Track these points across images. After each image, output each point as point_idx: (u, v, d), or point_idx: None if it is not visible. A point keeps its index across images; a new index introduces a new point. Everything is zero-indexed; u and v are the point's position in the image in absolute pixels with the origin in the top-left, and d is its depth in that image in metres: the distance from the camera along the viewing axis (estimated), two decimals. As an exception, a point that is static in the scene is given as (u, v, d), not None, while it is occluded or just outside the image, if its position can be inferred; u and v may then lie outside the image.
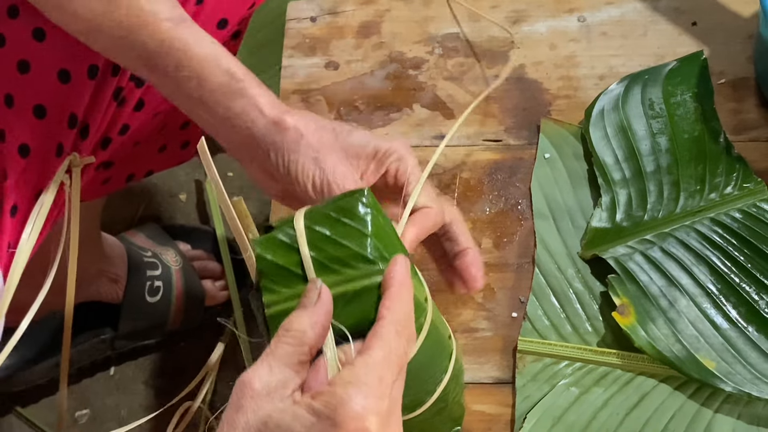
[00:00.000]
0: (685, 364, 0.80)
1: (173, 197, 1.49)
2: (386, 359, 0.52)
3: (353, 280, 0.58)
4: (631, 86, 0.96)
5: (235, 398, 0.50)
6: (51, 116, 0.78)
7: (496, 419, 0.82)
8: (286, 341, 0.52)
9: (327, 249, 0.59)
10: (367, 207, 0.61)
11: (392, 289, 0.56)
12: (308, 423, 0.48)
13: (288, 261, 0.60)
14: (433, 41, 1.03)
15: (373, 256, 0.59)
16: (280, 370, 0.51)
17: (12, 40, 0.75)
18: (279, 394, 0.50)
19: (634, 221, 0.89)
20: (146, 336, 1.30)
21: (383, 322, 0.54)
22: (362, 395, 0.49)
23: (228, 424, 0.49)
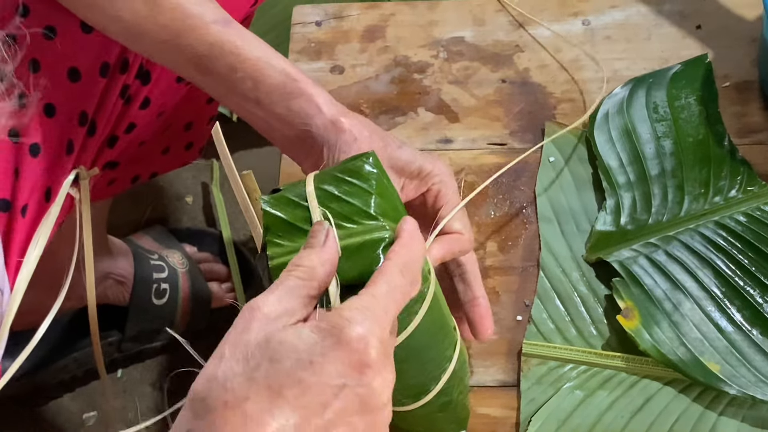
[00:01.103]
0: (690, 367, 0.80)
1: (180, 200, 1.50)
2: (390, 293, 0.54)
3: (356, 235, 0.60)
4: (635, 90, 0.97)
5: (240, 321, 0.50)
6: (61, 114, 0.79)
7: (501, 422, 0.82)
8: (296, 274, 0.53)
9: (333, 206, 0.61)
10: (372, 168, 0.63)
11: (401, 239, 0.58)
12: (311, 340, 0.49)
13: (294, 216, 0.61)
14: (437, 45, 1.04)
15: (375, 213, 0.61)
16: (288, 300, 0.52)
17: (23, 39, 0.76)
18: (283, 320, 0.51)
19: (639, 224, 0.89)
20: (153, 338, 1.30)
21: (388, 262, 0.55)
22: (367, 320, 0.50)
23: (230, 343, 0.49)
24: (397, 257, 0.56)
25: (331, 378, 0.48)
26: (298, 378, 0.48)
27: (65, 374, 1.29)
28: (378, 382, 0.50)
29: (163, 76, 0.84)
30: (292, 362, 0.48)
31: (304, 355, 0.49)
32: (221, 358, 0.49)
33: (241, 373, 0.48)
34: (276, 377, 0.48)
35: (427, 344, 0.64)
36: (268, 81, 0.70)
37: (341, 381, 0.49)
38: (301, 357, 0.48)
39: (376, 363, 0.50)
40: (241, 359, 0.49)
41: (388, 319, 0.53)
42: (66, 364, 1.27)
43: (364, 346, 0.50)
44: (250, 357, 0.49)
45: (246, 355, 0.49)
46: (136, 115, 0.84)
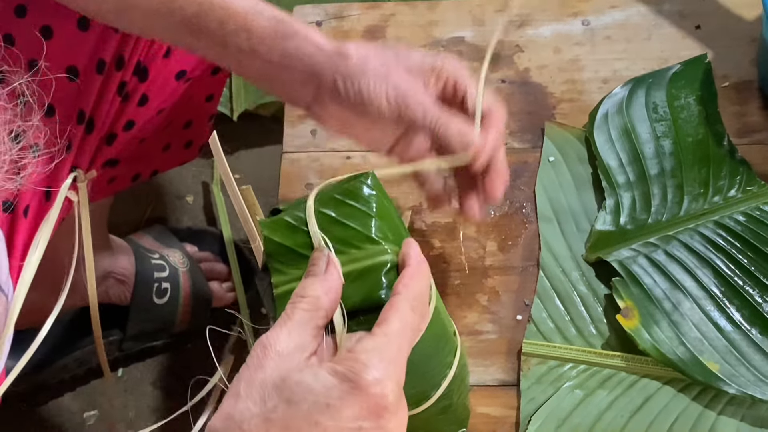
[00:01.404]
0: (689, 367, 0.81)
1: (180, 199, 1.50)
2: (402, 331, 0.54)
3: (359, 260, 0.60)
4: (635, 90, 0.97)
5: (255, 359, 0.51)
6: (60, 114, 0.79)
7: (501, 421, 0.83)
8: (302, 307, 0.54)
9: (333, 230, 0.61)
10: (371, 189, 0.63)
11: (409, 269, 0.58)
12: (329, 384, 0.50)
13: (295, 242, 0.61)
14: (437, 45, 1.04)
15: (377, 237, 0.61)
16: (297, 334, 0.52)
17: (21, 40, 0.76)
18: (297, 356, 0.51)
19: (638, 224, 0.89)
20: (154, 337, 1.30)
21: (399, 297, 0.55)
22: (383, 363, 0.51)
23: (245, 381, 0.50)
24: (407, 291, 0.56)
25: (348, 421, 0.49)
26: (314, 421, 0.48)
27: (66, 373, 1.29)
28: (393, 424, 0.51)
29: (160, 73, 0.84)
30: (309, 405, 0.49)
31: (321, 398, 0.49)
32: (237, 397, 0.50)
33: (258, 414, 0.49)
34: (293, 419, 0.48)
35: (428, 355, 0.64)
36: (259, 29, 0.69)
37: (358, 424, 0.49)
38: (318, 400, 0.49)
39: (393, 405, 0.51)
40: (258, 400, 0.49)
41: (402, 357, 0.53)
42: (67, 363, 1.27)
43: (381, 390, 0.50)
44: (267, 398, 0.49)
45: (263, 395, 0.49)
46: (135, 112, 0.84)
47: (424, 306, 0.58)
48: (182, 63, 0.85)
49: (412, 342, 0.55)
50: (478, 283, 0.89)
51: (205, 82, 0.94)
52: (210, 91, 0.98)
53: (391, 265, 0.60)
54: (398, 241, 0.62)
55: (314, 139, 0.99)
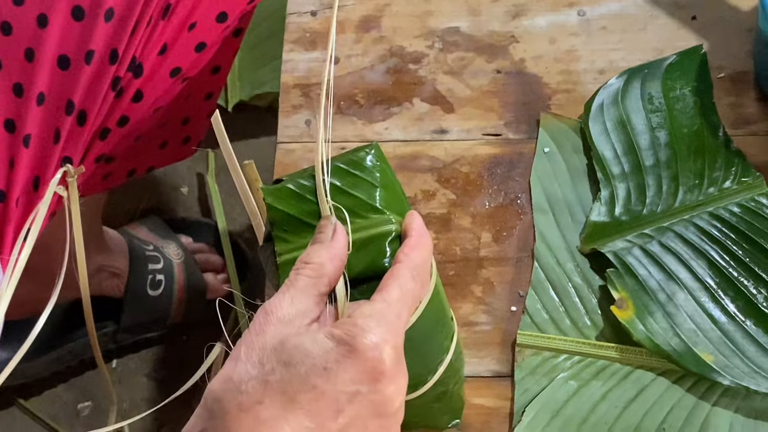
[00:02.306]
0: (683, 358, 0.81)
1: (175, 190, 1.50)
2: (402, 298, 0.54)
3: (363, 229, 0.60)
4: (630, 80, 0.96)
5: (256, 324, 0.51)
6: (50, 103, 0.78)
7: (495, 412, 0.82)
8: (305, 273, 0.54)
9: (337, 199, 0.61)
10: (376, 160, 0.63)
11: (410, 239, 0.58)
12: (327, 347, 0.50)
13: (299, 211, 0.62)
14: (433, 36, 1.03)
15: (381, 206, 0.61)
16: (300, 300, 0.52)
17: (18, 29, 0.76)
18: (298, 322, 0.52)
19: (633, 215, 0.89)
20: (148, 329, 1.30)
21: (400, 266, 0.56)
22: (381, 328, 0.51)
23: (246, 345, 0.50)
24: (408, 260, 0.56)
25: (345, 385, 0.49)
26: (312, 384, 0.49)
27: (60, 365, 1.29)
28: (391, 389, 0.51)
29: (155, 70, 0.83)
30: (307, 368, 0.49)
31: (319, 361, 0.49)
32: (237, 360, 0.50)
33: (255, 376, 0.49)
34: (290, 382, 0.49)
35: (427, 336, 0.64)
36: None
37: (355, 388, 0.49)
38: (316, 363, 0.49)
39: (390, 371, 0.51)
40: (257, 362, 0.49)
41: (401, 324, 0.53)
42: (60, 354, 1.27)
43: (378, 354, 0.50)
44: (266, 361, 0.49)
45: (261, 358, 0.49)
46: (129, 108, 0.83)
47: (425, 276, 0.58)
48: (177, 60, 0.84)
49: (412, 309, 0.56)
50: (473, 274, 0.89)
51: (205, 80, 0.94)
52: (209, 89, 0.98)
53: (395, 234, 0.60)
54: (402, 211, 0.62)
55: (309, 129, 0.98)
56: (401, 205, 0.63)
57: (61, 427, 1.30)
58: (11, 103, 0.77)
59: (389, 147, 0.95)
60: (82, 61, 0.78)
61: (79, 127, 0.81)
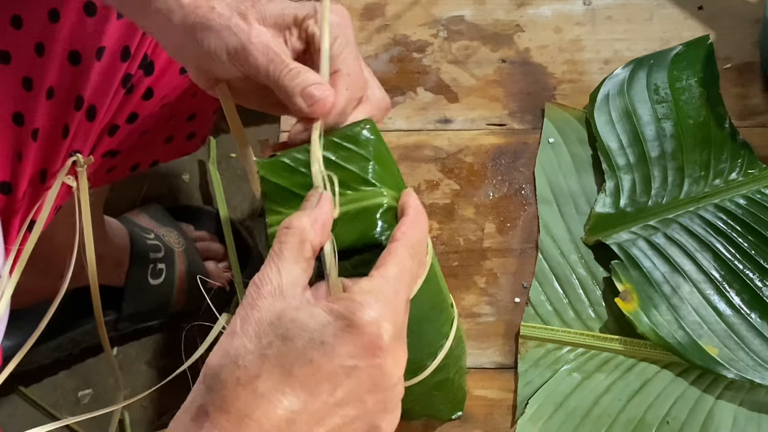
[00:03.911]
0: (688, 351, 0.80)
1: (176, 178, 1.49)
2: (400, 276, 0.54)
3: (355, 201, 0.60)
4: (636, 71, 0.96)
5: (249, 298, 0.51)
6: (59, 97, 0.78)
7: (498, 404, 0.82)
8: (287, 240, 0.53)
9: (330, 172, 0.60)
10: (370, 134, 0.63)
11: (407, 217, 0.57)
12: (324, 321, 0.49)
13: (291, 183, 0.62)
14: (437, 24, 1.03)
15: (374, 179, 0.61)
16: (287, 269, 0.52)
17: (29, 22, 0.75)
18: (290, 292, 0.51)
19: (638, 207, 0.88)
20: (149, 317, 1.30)
21: (397, 244, 0.55)
22: (380, 304, 0.51)
23: (241, 318, 0.50)
24: (405, 238, 0.56)
25: (342, 359, 0.49)
26: (309, 358, 0.48)
27: (61, 353, 1.28)
28: (390, 363, 0.51)
29: (166, 68, 0.83)
30: (304, 342, 0.49)
31: (316, 335, 0.49)
32: (233, 335, 0.50)
33: (253, 350, 0.49)
34: (287, 356, 0.48)
35: (424, 317, 0.64)
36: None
37: (353, 362, 0.49)
38: (313, 337, 0.49)
39: (388, 345, 0.50)
40: (254, 336, 0.49)
41: (399, 301, 0.53)
42: (62, 342, 1.26)
43: (377, 329, 0.50)
44: (263, 335, 0.49)
45: (258, 332, 0.49)
46: (138, 105, 0.83)
47: (422, 254, 0.58)
48: None
49: (409, 288, 0.55)
50: (476, 265, 0.88)
51: None
52: None
53: (387, 206, 0.60)
54: (395, 186, 0.62)
55: (312, 118, 0.98)
56: (395, 180, 0.63)
57: (61, 415, 1.30)
58: (20, 97, 0.76)
59: (393, 137, 0.94)
60: (93, 57, 0.77)
61: (88, 123, 0.80)
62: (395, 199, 0.61)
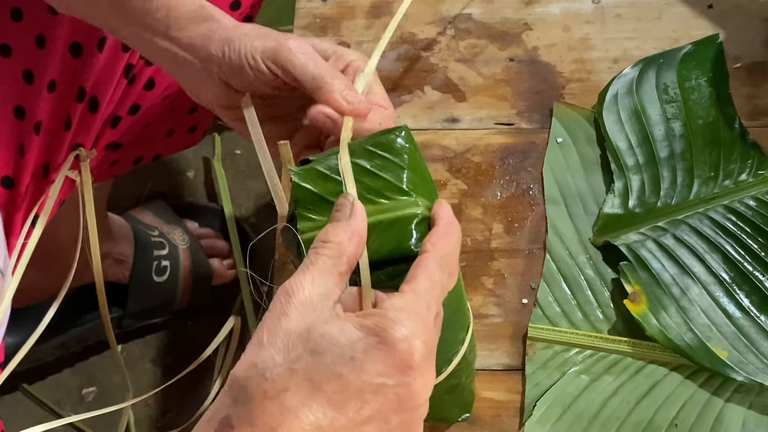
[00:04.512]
0: (697, 353, 0.80)
1: (181, 175, 1.49)
2: (431, 289, 0.53)
3: (389, 210, 0.59)
4: (645, 70, 0.95)
5: (278, 306, 0.50)
6: (61, 90, 0.78)
7: (506, 406, 0.82)
8: (325, 253, 0.53)
9: (364, 180, 0.60)
10: (405, 142, 0.62)
11: (438, 228, 0.57)
12: (355, 337, 0.49)
13: (324, 190, 0.61)
14: (444, 22, 1.02)
15: (408, 188, 0.60)
16: (321, 281, 0.52)
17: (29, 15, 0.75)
18: (321, 305, 0.51)
19: (647, 208, 0.88)
20: (153, 315, 1.30)
21: (427, 255, 0.55)
22: (412, 320, 0.50)
23: (268, 329, 0.50)
24: (436, 250, 0.55)
25: (371, 376, 0.48)
26: (338, 373, 0.48)
27: (64, 350, 1.29)
28: (419, 384, 0.50)
29: None
30: (334, 357, 0.48)
31: (346, 351, 0.48)
32: (260, 345, 0.49)
33: (281, 363, 0.48)
34: (316, 371, 0.48)
35: (446, 321, 0.63)
36: (179, 8, 0.66)
37: (381, 380, 0.48)
38: (343, 352, 0.48)
39: (419, 365, 0.50)
40: (282, 349, 0.49)
41: (430, 316, 0.53)
42: (65, 340, 1.27)
43: (408, 347, 0.49)
44: (291, 347, 0.49)
45: (287, 344, 0.49)
46: (140, 95, 0.83)
47: (453, 265, 0.57)
48: None
49: (440, 300, 0.55)
50: (484, 266, 0.88)
51: None
52: None
53: (422, 217, 0.59)
54: (429, 196, 0.62)
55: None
56: (428, 188, 0.63)
57: (65, 412, 1.30)
58: (21, 90, 0.76)
59: (400, 135, 0.94)
60: (95, 48, 0.77)
61: (90, 115, 0.80)
62: (429, 209, 0.60)
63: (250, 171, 1.49)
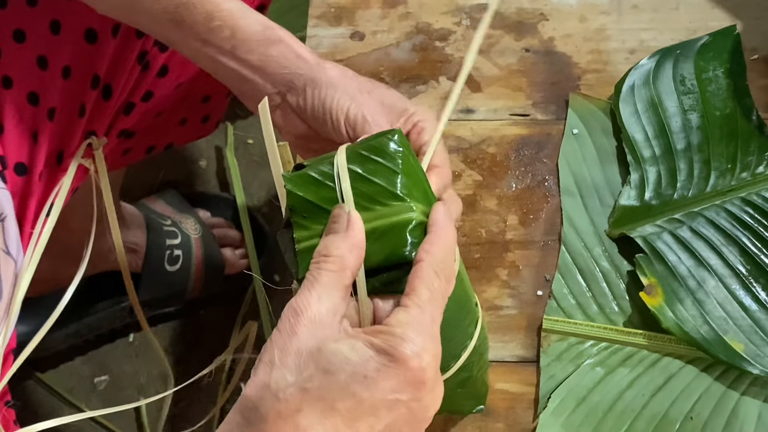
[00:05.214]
0: (713, 346, 0.79)
1: (193, 164, 1.49)
2: (433, 299, 0.54)
3: (383, 217, 0.59)
4: (662, 61, 0.94)
5: (287, 325, 0.51)
6: (75, 76, 0.78)
7: (520, 398, 0.81)
8: (328, 267, 0.53)
9: (358, 186, 0.60)
10: (398, 146, 0.61)
11: (431, 234, 0.57)
12: (366, 356, 0.49)
13: (318, 197, 0.60)
14: (460, 12, 1.01)
15: (402, 193, 0.59)
16: (327, 297, 0.52)
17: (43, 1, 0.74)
18: (329, 321, 0.51)
19: (664, 200, 0.87)
20: (166, 304, 1.30)
21: (423, 264, 0.55)
22: (420, 336, 0.51)
23: (279, 349, 0.50)
24: (430, 257, 0.55)
25: (385, 393, 0.49)
26: (351, 392, 0.48)
27: (77, 338, 1.29)
28: (429, 397, 0.51)
29: None
30: (347, 376, 0.49)
31: (359, 369, 0.49)
32: (272, 365, 0.49)
33: (293, 383, 0.48)
34: (329, 390, 0.48)
35: (450, 322, 0.63)
36: (245, 29, 0.68)
37: (395, 396, 0.49)
38: (356, 371, 0.49)
39: (430, 380, 0.51)
40: (294, 368, 0.49)
41: (436, 327, 0.53)
42: (78, 328, 1.27)
43: (419, 363, 0.50)
44: (303, 367, 0.49)
45: (299, 364, 0.49)
46: (154, 82, 0.83)
47: (450, 270, 0.57)
48: None
49: (442, 308, 0.55)
50: (498, 257, 0.87)
51: None
52: None
53: (417, 222, 0.59)
54: (424, 198, 0.61)
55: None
56: (424, 192, 0.62)
57: (77, 401, 1.30)
58: (35, 76, 0.76)
59: (414, 126, 0.93)
60: (109, 34, 0.77)
61: (104, 101, 0.80)
62: (425, 213, 0.59)
63: (263, 161, 1.49)
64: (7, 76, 0.74)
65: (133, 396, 1.30)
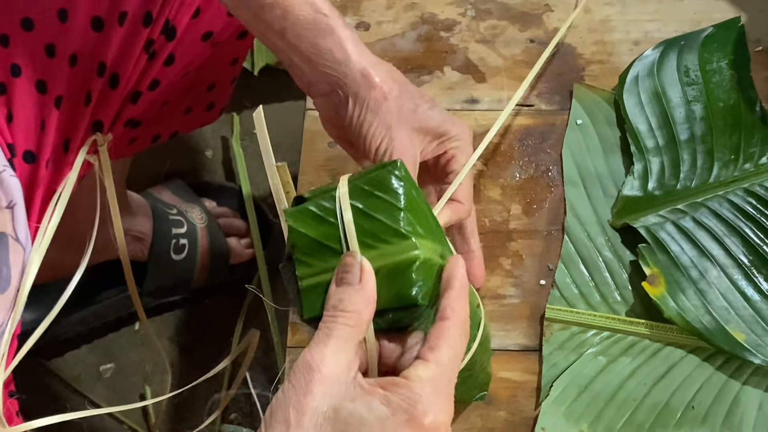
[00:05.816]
0: (715, 336, 0.80)
1: (200, 154, 1.49)
2: (453, 359, 0.54)
3: (387, 256, 0.58)
4: (666, 52, 0.95)
5: (302, 382, 0.50)
6: (82, 64, 0.78)
7: (522, 386, 0.82)
8: (345, 322, 0.53)
9: (360, 222, 0.59)
10: (400, 180, 0.60)
11: (454, 291, 0.57)
12: (383, 415, 0.49)
13: (320, 234, 0.59)
14: (465, 3, 1.02)
15: (406, 231, 0.58)
16: (343, 353, 0.52)
17: None
18: (345, 378, 0.51)
19: (667, 190, 0.87)
20: (171, 293, 1.30)
21: (449, 323, 0.55)
22: (438, 395, 0.51)
23: (294, 408, 0.50)
24: (456, 316, 0.55)
25: None
26: None
27: (83, 326, 1.29)
28: None
29: (188, 33, 0.83)
30: None
31: (376, 430, 0.49)
32: (288, 425, 0.49)
33: None
34: None
35: None
36: (297, 12, 0.68)
37: None
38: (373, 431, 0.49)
39: None
40: (311, 429, 0.49)
41: (452, 387, 0.54)
42: (84, 316, 1.27)
43: (434, 423, 0.50)
44: (320, 428, 0.49)
45: (315, 425, 0.49)
46: (160, 71, 0.83)
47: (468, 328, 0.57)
48: (210, 24, 0.84)
49: (459, 366, 0.55)
50: (502, 247, 0.88)
51: (232, 45, 0.93)
52: (235, 54, 0.97)
53: (421, 261, 0.57)
54: (429, 232, 0.60)
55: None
56: (428, 226, 0.61)
57: (82, 388, 1.31)
58: (43, 64, 0.76)
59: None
60: (116, 22, 0.77)
61: (110, 90, 0.80)
62: (430, 250, 0.58)
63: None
64: (16, 64, 0.75)
65: (139, 383, 1.31)
